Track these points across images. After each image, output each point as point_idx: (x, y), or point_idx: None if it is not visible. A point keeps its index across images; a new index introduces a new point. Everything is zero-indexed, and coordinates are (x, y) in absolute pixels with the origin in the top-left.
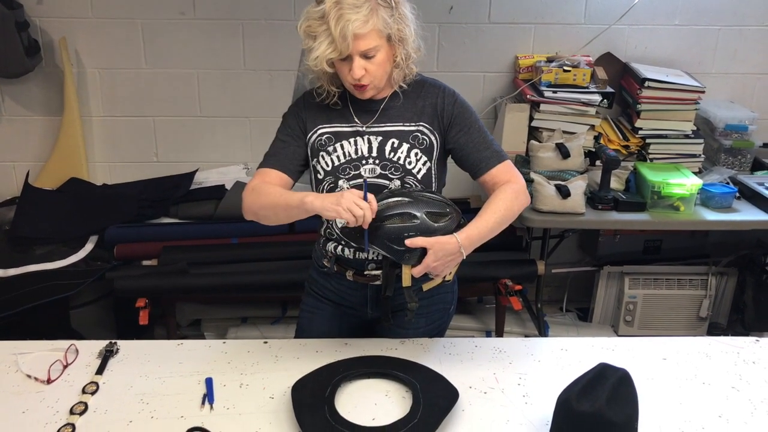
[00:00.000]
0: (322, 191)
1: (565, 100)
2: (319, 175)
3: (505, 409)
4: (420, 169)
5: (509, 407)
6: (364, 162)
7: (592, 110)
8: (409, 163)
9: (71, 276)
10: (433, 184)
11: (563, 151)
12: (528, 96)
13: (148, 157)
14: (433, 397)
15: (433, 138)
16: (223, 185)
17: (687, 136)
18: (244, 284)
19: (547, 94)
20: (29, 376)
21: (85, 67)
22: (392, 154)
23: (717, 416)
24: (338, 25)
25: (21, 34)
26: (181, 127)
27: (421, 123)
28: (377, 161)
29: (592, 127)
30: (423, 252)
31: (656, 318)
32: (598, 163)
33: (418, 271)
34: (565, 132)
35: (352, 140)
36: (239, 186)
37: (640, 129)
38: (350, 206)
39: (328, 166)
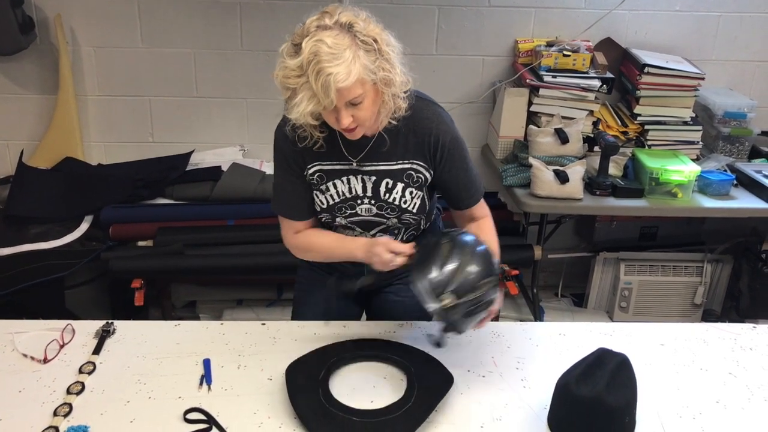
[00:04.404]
0: (319, 222)
1: (565, 85)
2: (316, 207)
3: (503, 393)
4: (415, 204)
5: (507, 391)
6: (359, 201)
7: (591, 96)
8: (405, 202)
9: (66, 256)
10: (427, 205)
11: (562, 137)
12: (527, 80)
13: (144, 138)
14: (428, 381)
15: (427, 174)
16: (219, 167)
17: (686, 123)
18: (240, 266)
19: (546, 78)
20: (25, 356)
21: (80, 45)
22: (387, 195)
23: (714, 402)
24: (319, 80)
25: (15, 10)
26: (177, 108)
27: (415, 161)
28: (373, 201)
29: (591, 112)
30: None
31: (651, 304)
32: (596, 148)
33: (483, 325)
34: (564, 117)
35: (345, 179)
36: (235, 167)
37: (639, 115)
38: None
39: (323, 204)
